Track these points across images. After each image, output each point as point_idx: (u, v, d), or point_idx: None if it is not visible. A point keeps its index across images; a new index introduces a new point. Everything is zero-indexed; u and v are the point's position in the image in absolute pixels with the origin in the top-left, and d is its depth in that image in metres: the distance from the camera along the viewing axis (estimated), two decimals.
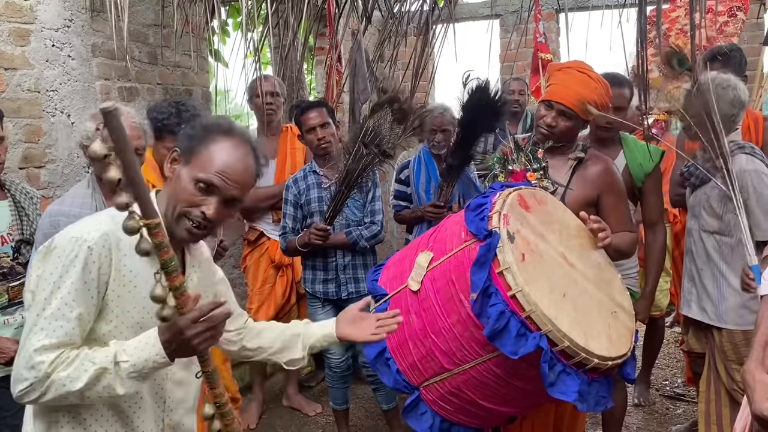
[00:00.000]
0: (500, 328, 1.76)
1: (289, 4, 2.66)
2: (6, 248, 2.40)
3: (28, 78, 3.00)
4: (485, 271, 1.82)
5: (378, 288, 2.18)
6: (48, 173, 3.10)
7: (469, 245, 1.93)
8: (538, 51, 5.19)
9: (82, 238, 1.38)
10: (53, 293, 1.36)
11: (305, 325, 1.84)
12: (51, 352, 1.34)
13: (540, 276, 1.88)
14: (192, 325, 1.35)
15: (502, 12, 6.09)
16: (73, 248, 1.37)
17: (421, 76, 3.22)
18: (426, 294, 2.00)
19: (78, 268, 1.36)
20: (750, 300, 2.63)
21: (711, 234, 2.71)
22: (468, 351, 1.91)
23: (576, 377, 1.80)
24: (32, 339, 1.35)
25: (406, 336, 2.02)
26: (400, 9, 3.04)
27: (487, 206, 1.97)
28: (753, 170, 2.57)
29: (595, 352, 1.81)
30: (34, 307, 1.38)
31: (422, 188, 3.62)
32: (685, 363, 3.40)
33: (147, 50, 3.68)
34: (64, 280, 1.36)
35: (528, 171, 2.38)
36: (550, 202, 2.20)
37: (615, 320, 2.04)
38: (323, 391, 4.13)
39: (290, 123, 4.05)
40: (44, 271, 1.39)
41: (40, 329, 1.35)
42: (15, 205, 2.47)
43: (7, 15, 2.90)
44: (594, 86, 2.37)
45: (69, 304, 1.36)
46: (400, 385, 2.06)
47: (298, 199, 3.26)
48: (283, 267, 3.78)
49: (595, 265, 2.15)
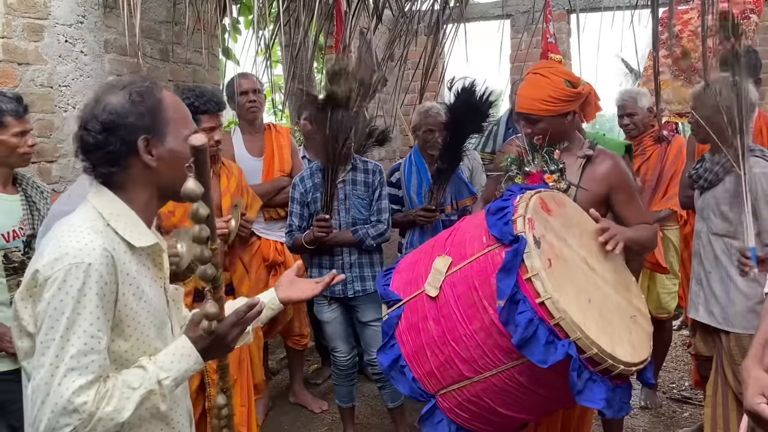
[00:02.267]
0: (529, 336, 1.72)
1: (300, 3, 2.68)
2: (17, 242, 2.42)
3: (41, 73, 3.02)
4: (513, 277, 1.76)
5: (390, 293, 2.10)
6: (59, 168, 3.13)
7: (493, 250, 1.88)
8: (548, 52, 5.18)
9: (84, 262, 1.25)
10: (70, 329, 1.24)
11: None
12: (90, 390, 1.24)
13: (566, 282, 1.84)
14: (231, 329, 1.38)
15: (513, 12, 6.08)
16: (77, 275, 1.25)
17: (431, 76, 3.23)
18: (445, 300, 1.93)
19: (92, 294, 1.25)
20: (758, 303, 2.61)
21: (719, 237, 2.70)
22: (490, 359, 1.86)
23: (602, 384, 1.77)
24: (64, 383, 1.22)
25: (423, 343, 1.96)
26: (411, 8, 3.05)
27: (510, 210, 1.93)
28: (762, 173, 2.56)
29: (620, 358, 1.79)
30: (47, 349, 1.24)
31: (413, 191, 3.60)
32: (693, 366, 3.39)
33: (159, 47, 3.71)
34: (80, 312, 1.24)
35: (545, 172, 2.36)
36: (569, 205, 2.18)
37: (635, 325, 2.02)
38: (329, 388, 4.14)
39: (299, 120, 4.06)
40: (46, 307, 1.25)
41: (71, 370, 1.23)
42: (27, 199, 2.49)
43: (21, 10, 2.93)
44: (545, 82, 2.36)
45: (95, 335, 1.26)
46: (416, 393, 2.00)
47: (305, 197, 3.27)
48: (277, 265, 3.77)
49: (613, 269, 2.14)
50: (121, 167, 1.36)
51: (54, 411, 1.22)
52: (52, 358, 1.23)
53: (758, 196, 2.54)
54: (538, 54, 5.47)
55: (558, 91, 2.35)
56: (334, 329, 3.38)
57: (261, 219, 3.78)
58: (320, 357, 4.62)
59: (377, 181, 3.29)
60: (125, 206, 1.38)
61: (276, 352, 4.73)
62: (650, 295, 3.79)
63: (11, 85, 2.89)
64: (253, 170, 3.76)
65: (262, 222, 3.78)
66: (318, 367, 4.60)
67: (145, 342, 1.37)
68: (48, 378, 1.23)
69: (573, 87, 2.38)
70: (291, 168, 3.83)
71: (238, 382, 2.94)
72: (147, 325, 1.37)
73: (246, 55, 9.91)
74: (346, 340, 3.40)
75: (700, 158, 2.87)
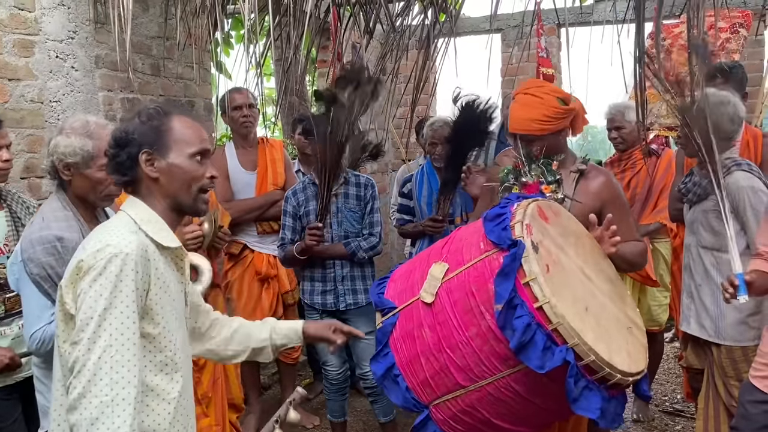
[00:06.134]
0: (527, 341, 1.71)
1: (291, 18, 2.68)
2: (2, 259, 2.38)
3: (31, 89, 3.02)
4: (510, 281, 1.75)
5: (385, 301, 2.08)
6: (49, 183, 3.09)
7: (490, 255, 1.86)
8: (540, 66, 5.21)
9: (123, 252, 1.44)
10: (107, 309, 1.41)
11: (272, 331, 1.98)
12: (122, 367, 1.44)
13: (564, 288, 1.84)
14: None
15: (504, 26, 6.13)
16: (116, 263, 1.43)
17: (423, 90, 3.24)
18: (441, 306, 1.91)
19: (128, 280, 1.43)
20: (749, 316, 2.62)
21: (709, 250, 2.71)
22: (487, 366, 1.84)
23: (598, 393, 1.76)
24: (103, 357, 1.40)
25: (418, 351, 1.94)
26: (402, 23, 3.07)
27: (507, 216, 1.92)
28: (749, 186, 2.58)
29: (618, 367, 1.78)
30: (87, 326, 1.41)
31: (424, 201, 3.63)
32: (684, 378, 3.39)
33: (150, 62, 3.71)
34: (116, 295, 1.42)
35: (542, 183, 2.37)
36: (564, 215, 2.19)
37: (631, 336, 2.02)
38: (321, 403, 4.12)
39: (293, 134, 4.06)
40: (87, 290, 1.43)
41: (109, 346, 1.41)
42: (12, 215, 2.44)
43: (11, 26, 2.93)
44: (538, 102, 2.38)
45: (130, 316, 1.43)
46: (409, 404, 1.97)
47: (297, 210, 3.27)
48: (269, 279, 3.76)
49: (609, 280, 2.14)
50: (130, 177, 1.58)
51: (90, 381, 1.37)
52: (90, 334, 1.39)
53: (746, 208, 2.56)
54: (528, 68, 5.52)
55: (552, 110, 2.37)
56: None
57: (254, 232, 3.78)
58: (312, 371, 4.60)
59: (369, 195, 3.30)
60: (153, 212, 1.58)
61: (268, 367, 4.70)
62: (641, 307, 3.79)
63: (1, 101, 2.88)
64: (247, 184, 3.76)
65: (255, 235, 3.77)
66: (310, 381, 4.58)
67: (170, 330, 1.54)
68: (85, 351, 1.38)
69: (565, 104, 2.41)
70: (284, 181, 3.82)
71: (212, 401, 2.93)
72: (170, 315, 1.55)
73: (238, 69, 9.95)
74: (337, 354, 3.39)
75: (689, 172, 2.89)
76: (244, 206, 3.69)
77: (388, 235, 5.39)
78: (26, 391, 2.38)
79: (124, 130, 1.59)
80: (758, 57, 5.35)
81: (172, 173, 1.58)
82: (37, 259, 2.01)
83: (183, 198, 1.60)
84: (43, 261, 2.00)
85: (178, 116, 1.63)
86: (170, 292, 1.56)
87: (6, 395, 2.42)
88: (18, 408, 2.45)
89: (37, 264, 2.00)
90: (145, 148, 1.56)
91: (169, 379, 1.54)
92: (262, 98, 4.44)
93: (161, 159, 1.57)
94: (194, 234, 2.78)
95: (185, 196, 1.60)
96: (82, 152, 2.08)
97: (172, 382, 1.54)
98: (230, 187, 3.73)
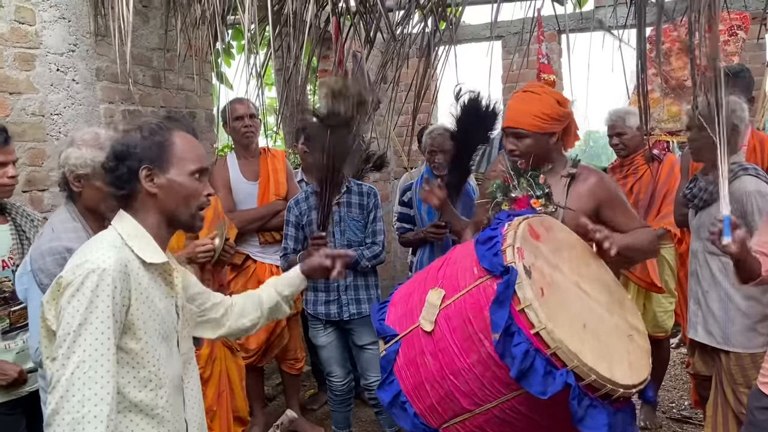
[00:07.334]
0: (527, 368, 1.71)
1: (291, 28, 2.68)
2: (7, 272, 2.38)
3: (32, 102, 3.02)
4: (506, 309, 1.75)
5: (387, 328, 2.09)
6: (51, 196, 3.11)
7: (485, 282, 1.87)
8: (541, 72, 5.21)
9: (99, 268, 1.43)
10: (82, 324, 1.40)
11: (275, 285, 2.04)
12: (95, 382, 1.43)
13: (560, 309, 1.84)
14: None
15: (504, 33, 6.13)
16: (92, 279, 1.42)
17: (424, 98, 3.23)
18: (441, 334, 1.92)
19: (104, 296, 1.42)
20: (757, 323, 2.60)
21: (716, 256, 2.68)
22: (490, 390, 1.85)
23: (603, 409, 1.76)
24: (76, 373, 1.40)
25: (423, 378, 1.95)
26: (403, 32, 3.06)
27: (498, 239, 1.92)
28: (756, 191, 2.56)
29: (620, 382, 1.78)
30: (63, 342, 1.41)
31: (424, 210, 3.62)
32: (691, 385, 3.36)
33: (151, 74, 3.71)
34: (92, 311, 1.41)
35: (531, 197, 2.36)
36: (557, 228, 2.18)
37: (632, 343, 2.01)
38: (326, 414, 4.09)
39: (295, 144, 4.05)
40: (66, 306, 1.42)
41: (82, 361, 1.41)
42: (16, 228, 2.45)
43: (12, 40, 2.93)
44: (536, 98, 2.37)
45: (104, 332, 1.42)
46: (419, 429, 1.99)
47: (300, 220, 3.26)
48: None
49: (606, 288, 2.12)
50: (127, 191, 1.58)
51: (62, 397, 1.37)
52: (65, 350, 1.39)
53: (753, 213, 2.54)
54: (529, 74, 5.52)
55: (549, 108, 2.36)
56: (330, 353, 3.35)
57: (256, 243, 3.77)
58: (317, 382, 4.57)
59: (372, 203, 3.29)
60: (141, 228, 1.58)
61: (272, 378, 4.68)
62: (646, 314, 3.77)
63: (2, 114, 2.88)
64: (249, 194, 3.75)
65: (258, 246, 3.76)
66: (314, 392, 4.55)
67: (153, 346, 1.53)
68: (59, 366, 1.39)
69: (562, 107, 2.40)
70: (287, 191, 3.81)
71: (217, 415, 2.91)
72: (154, 331, 1.54)
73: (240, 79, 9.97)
74: (342, 364, 3.37)
75: (693, 177, 2.87)
76: (246, 216, 3.68)
77: (391, 243, 5.37)
78: (30, 406, 2.37)
79: (125, 144, 1.58)
80: (759, 61, 5.35)
81: (171, 190, 1.58)
82: (47, 270, 2.03)
83: (181, 214, 1.60)
84: (53, 272, 1.99)
85: (179, 132, 1.63)
86: (154, 307, 1.55)
87: (9, 410, 2.40)
88: (22, 423, 2.44)
89: (47, 275, 2.02)
90: (146, 164, 1.56)
91: (154, 395, 1.53)
92: (264, 108, 4.42)
93: (161, 175, 1.57)
94: (206, 248, 2.78)
95: (184, 212, 1.60)
96: (93, 164, 2.10)
97: (156, 398, 1.53)
98: (232, 198, 3.72)
